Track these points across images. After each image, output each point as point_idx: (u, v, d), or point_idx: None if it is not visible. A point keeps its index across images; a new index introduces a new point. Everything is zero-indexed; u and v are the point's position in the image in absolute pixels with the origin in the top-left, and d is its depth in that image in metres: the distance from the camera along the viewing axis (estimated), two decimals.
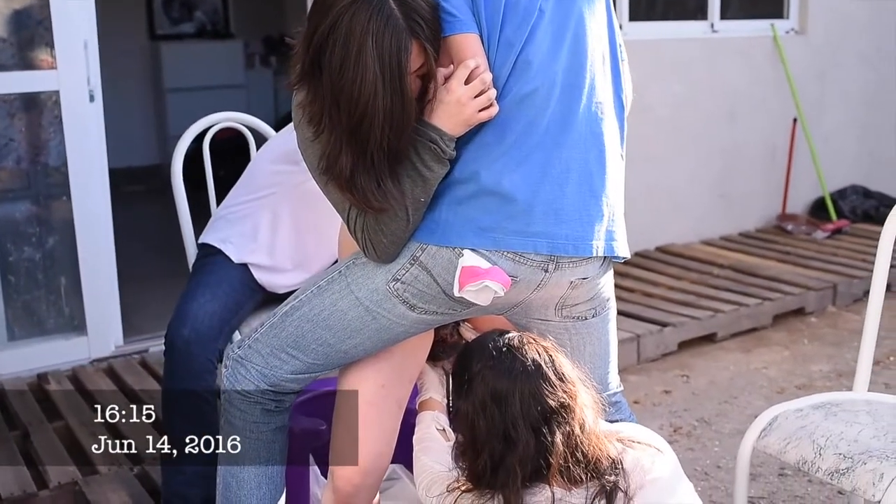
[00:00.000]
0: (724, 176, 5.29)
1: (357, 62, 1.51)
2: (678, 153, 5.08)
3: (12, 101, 3.51)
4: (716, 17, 5.22)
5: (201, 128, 2.75)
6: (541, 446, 1.45)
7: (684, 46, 5.05)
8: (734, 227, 5.40)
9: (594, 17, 1.68)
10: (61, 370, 3.53)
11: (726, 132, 5.25)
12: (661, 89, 4.92)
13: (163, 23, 7.86)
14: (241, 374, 1.78)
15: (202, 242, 2.56)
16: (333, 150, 1.58)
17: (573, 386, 1.51)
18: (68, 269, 3.62)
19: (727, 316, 4.01)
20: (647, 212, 4.98)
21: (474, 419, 1.49)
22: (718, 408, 3.32)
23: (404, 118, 1.54)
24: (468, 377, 1.52)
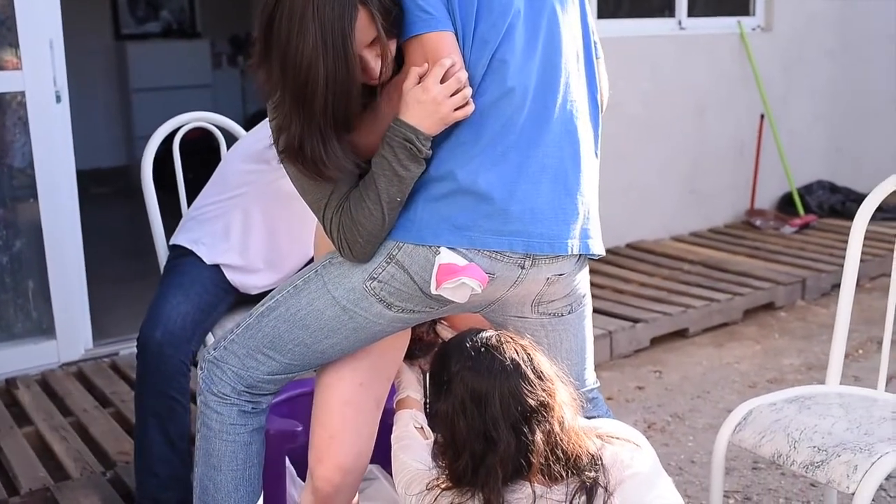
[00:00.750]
0: (693, 172, 5.33)
1: (300, 29, 1.51)
2: (648, 150, 5.10)
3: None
4: (683, 15, 5.26)
5: (171, 128, 2.73)
6: (521, 445, 1.45)
7: (652, 43, 5.08)
8: (704, 222, 5.44)
9: (568, 15, 1.68)
10: (30, 375, 3.48)
11: (695, 129, 5.28)
12: (630, 86, 4.94)
13: (128, 22, 7.79)
14: (216, 376, 1.76)
15: (173, 244, 2.54)
16: (285, 120, 1.58)
17: (552, 384, 1.51)
18: (36, 272, 3.57)
19: (698, 311, 4.04)
20: (618, 208, 5.00)
21: (454, 419, 1.48)
22: (691, 403, 3.34)
23: (349, 84, 1.54)
24: (447, 377, 1.52)
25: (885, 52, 6.08)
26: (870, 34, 5.98)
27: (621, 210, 5.03)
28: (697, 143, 5.31)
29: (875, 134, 6.17)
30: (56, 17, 3.44)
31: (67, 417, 3.11)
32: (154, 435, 2.32)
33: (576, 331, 1.83)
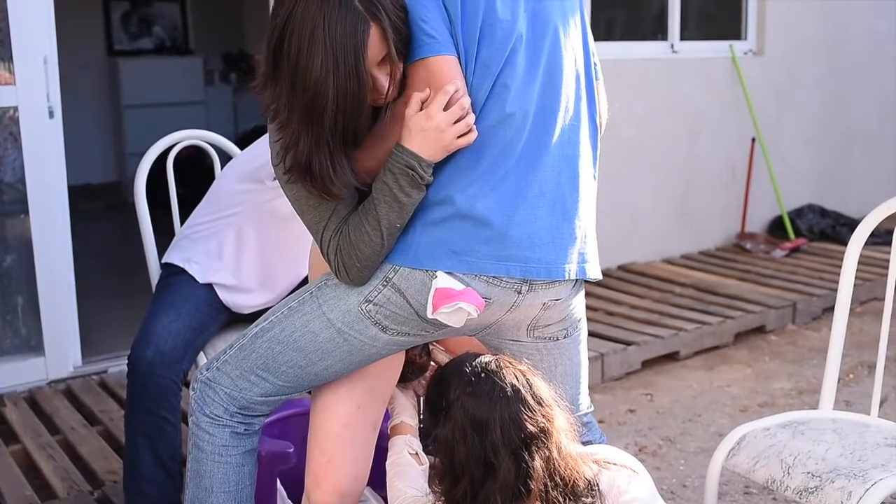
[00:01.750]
0: (684, 195, 5.34)
1: (311, 45, 1.50)
2: (639, 172, 5.12)
3: None
4: (675, 38, 5.29)
5: (166, 145, 2.72)
6: (521, 472, 1.44)
7: (645, 67, 5.10)
8: (695, 245, 5.45)
9: (569, 39, 1.68)
10: (18, 392, 3.45)
11: (687, 152, 5.30)
12: (622, 109, 4.95)
13: (121, 38, 7.78)
14: (209, 397, 1.75)
15: (166, 262, 2.53)
16: (292, 139, 1.57)
17: (550, 409, 1.50)
18: (25, 288, 3.54)
19: (690, 334, 4.04)
20: (610, 230, 5.00)
21: (453, 446, 1.46)
22: (683, 426, 3.34)
23: (359, 101, 1.53)
24: (446, 403, 1.50)
25: (874, 77, 6.14)
26: (860, 59, 6.03)
27: (613, 232, 5.03)
28: (689, 165, 5.33)
29: (865, 158, 6.21)
30: (50, 33, 3.43)
31: (55, 436, 3.08)
32: (144, 455, 2.30)
33: (571, 355, 1.82)
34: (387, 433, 1.95)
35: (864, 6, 5.99)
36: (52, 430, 3.14)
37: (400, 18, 1.55)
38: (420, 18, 1.56)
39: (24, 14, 3.35)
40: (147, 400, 2.27)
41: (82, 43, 7.36)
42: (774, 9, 5.55)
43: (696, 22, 5.63)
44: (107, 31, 7.72)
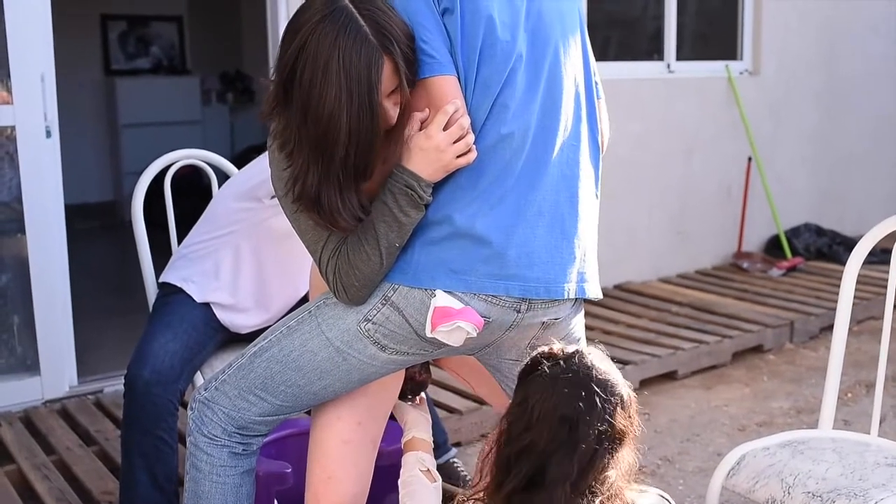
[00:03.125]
0: (680, 214, 5.35)
1: (325, 78, 1.49)
2: (636, 191, 5.13)
3: None
4: (672, 58, 5.31)
5: (163, 165, 2.72)
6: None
7: (641, 86, 5.12)
8: (691, 264, 5.45)
9: (569, 57, 1.69)
10: (13, 412, 3.43)
11: (683, 171, 5.32)
12: (618, 128, 4.94)
13: (118, 58, 7.80)
14: (207, 417, 1.74)
15: (163, 281, 2.52)
16: (301, 170, 1.56)
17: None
18: (21, 307, 3.53)
19: (687, 353, 4.03)
20: (606, 249, 4.97)
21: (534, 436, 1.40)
22: (681, 446, 3.33)
23: (372, 135, 1.52)
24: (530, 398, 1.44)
25: (870, 96, 6.17)
26: (856, 78, 6.07)
27: (609, 251, 5.02)
28: (685, 185, 5.34)
29: (861, 177, 6.23)
30: (48, 52, 3.44)
31: (50, 456, 3.06)
32: (140, 475, 2.28)
33: None
34: (385, 452, 1.94)
35: (860, 26, 6.03)
36: (48, 450, 3.12)
37: (410, 48, 1.55)
38: (421, 39, 1.56)
39: (21, 33, 3.35)
40: (144, 420, 2.26)
41: (80, 62, 7.38)
42: (770, 29, 5.58)
43: (692, 42, 5.67)
44: (104, 51, 7.75)
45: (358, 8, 1.52)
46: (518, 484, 1.39)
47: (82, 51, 7.47)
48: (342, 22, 1.50)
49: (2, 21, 3.34)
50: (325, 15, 1.51)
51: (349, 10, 1.52)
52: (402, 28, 1.54)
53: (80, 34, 7.41)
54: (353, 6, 1.52)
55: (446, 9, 1.58)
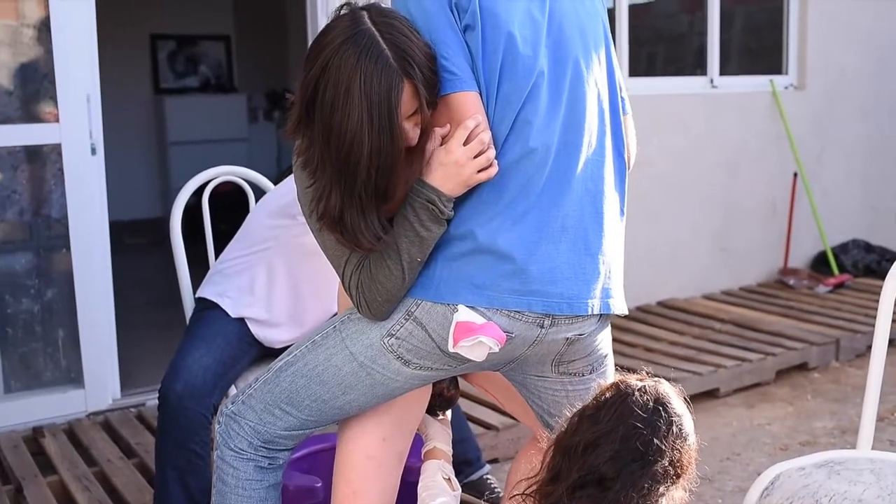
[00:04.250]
0: (724, 230, 5.29)
1: (346, 101, 1.51)
2: (678, 207, 5.08)
3: (17, 154, 3.53)
4: (715, 73, 5.27)
5: (200, 182, 2.76)
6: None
7: (684, 102, 5.08)
8: (735, 281, 5.39)
9: (592, 73, 1.68)
10: (57, 423, 3.50)
11: (726, 186, 5.26)
12: (661, 144, 4.95)
13: (167, 76, 7.95)
14: (234, 431, 1.75)
15: (199, 296, 2.56)
16: (325, 190, 1.58)
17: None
18: (66, 321, 3.60)
19: (729, 371, 3.98)
20: (648, 266, 4.98)
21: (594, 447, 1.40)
22: (721, 465, 3.28)
23: (392, 157, 1.53)
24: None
25: None
26: None
27: (651, 267, 5.00)
28: (728, 200, 5.28)
29: None
30: (94, 72, 3.51)
31: (91, 467, 3.11)
32: (173, 488, 2.31)
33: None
34: (413, 467, 1.95)
35: None
36: (89, 461, 3.17)
37: (431, 71, 1.56)
38: (442, 55, 1.57)
39: (68, 55, 3.44)
40: (177, 433, 2.29)
41: (130, 81, 7.54)
42: (816, 43, 5.51)
43: (736, 57, 5.61)
44: (154, 70, 7.89)
45: (380, 31, 1.53)
46: (582, 479, 1.39)
47: (132, 70, 7.62)
48: (364, 45, 1.51)
49: (49, 42, 3.42)
50: (349, 37, 1.52)
51: (372, 32, 1.53)
52: (423, 51, 1.55)
53: (131, 54, 7.58)
54: (375, 29, 1.54)
55: (468, 25, 1.59)
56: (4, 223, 3.57)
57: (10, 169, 3.52)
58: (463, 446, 2.75)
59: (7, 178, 3.53)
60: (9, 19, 3.56)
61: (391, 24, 1.55)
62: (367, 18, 1.55)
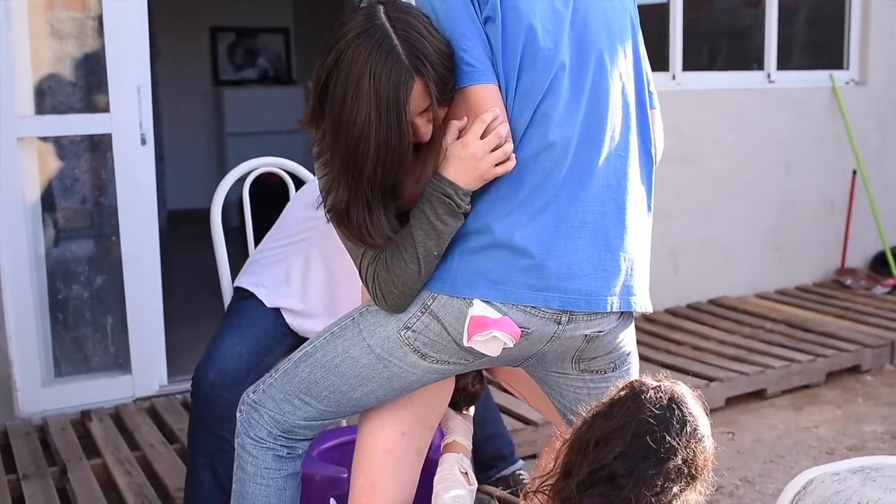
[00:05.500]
0: (779, 228, 5.19)
1: (355, 96, 1.51)
2: (732, 204, 5.00)
3: (79, 143, 3.61)
4: (772, 68, 5.16)
5: (241, 172, 2.79)
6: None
7: (739, 96, 4.99)
8: (790, 280, 5.28)
9: (616, 67, 1.66)
10: (105, 408, 3.57)
11: (782, 183, 5.15)
12: (714, 139, 4.87)
13: (226, 68, 8.04)
14: (254, 419, 1.77)
15: (236, 286, 2.59)
16: (333, 183, 1.59)
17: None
18: (115, 308, 3.67)
19: (777, 372, 3.90)
20: (700, 263, 4.91)
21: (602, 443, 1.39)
22: (763, 467, 3.22)
23: (399, 155, 1.53)
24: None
25: None
26: None
27: (703, 265, 4.92)
28: (784, 198, 5.17)
29: None
30: (145, 64, 3.57)
31: (134, 451, 3.16)
32: (203, 474, 2.34)
33: None
34: (436, 461, 1.94)
35: None
36: (133, 446, 3.23)
37: (445, 68, 1.56)
38: (461, 48, 1.56)
39: (119, 47, 3.49)
40: (208, 420, 2.32)
41: (189, 73, 7.66)
42: (879, 37, 5.37)
43: (794, 52, 5.49)
44: (213, 62, 7.99)
45: (394, 27, 1.53)
46: (593, 475, 1.37)
47: (192, 62, 7.74)
48: (377, 40, 1.51)
49: (101, 34, 3.49)
50: (362, 32, 1.52)
51: (385, 28, 1.53)
52: (437, 49, 1.54)
53: (191, 46, 7.69)
54: (390, 25, 1.53)
55: (488, 17, 1.58)
56: (64, 211, 3.66)
57: (71, 157, 3.61)
58: (496, 441, 2.74)
59: (68, 167, 3.61)
60: (75, 11, 3.64)
61: (406, 20, 1.54)
62: (382, 13, 1.55)
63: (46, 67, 3.60)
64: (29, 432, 3.33)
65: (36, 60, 3.55)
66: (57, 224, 3.65)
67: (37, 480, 2.93)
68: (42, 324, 3.55)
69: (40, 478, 2.95)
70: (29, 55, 3.49)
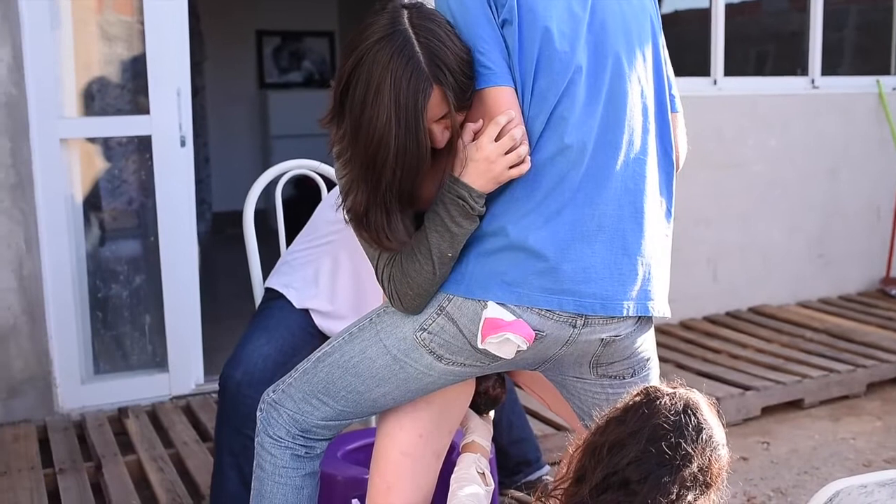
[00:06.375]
0: (823, 236, 5.11)
1: (375, 100, 1.52)
2: (774, 211, 4.93)
3: (121, 145, 3.68)
4: (816, 73, 5.09)
5: (273, 175, 2.83)
6: None
7: (782, 102, 4.93)
8: (834, 289, 5.20)
9: (635, 71, 1.65)
10: (142, 405, 3.63)
11: (826, 190, 5.08)
12: (756, 144, 4.81)
13: (272, 71, 8.12)
14: (273, 419, 1.79)
15: (266, 286, 2.61)
16: (352, 186, 1.60)
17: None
18: (153, 307, 3.73)
19: (815, 382, 3.84)
20: (740, 270, 4.85)
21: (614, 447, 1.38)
22: (797, 478, 3.17)
23: (418, 161, 1.54)
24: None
25: None
26: None
27: (744, 272, 4.87)
28: (828, 205, 5.10)
29: None
30: (185, 67, 3.62)
31: (168, 449, 3.21)
32: (229, 473, 2.37)
33: None
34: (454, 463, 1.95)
35: None
36: (167, 443, 3.28)
37: (464, 75, 1.56)
38: (478, 50, 1.57)
39: (159, 51, 3.55)
40: (234, 419, 2.34)
41: (235, 76, 7.75)
42: None
43: (840, 57, 5.41)
44: (259, 65, 8.08)
45: (416, 33, 1.54)
46: (606, 480, 1.36)
47: (238, 65, 7.83)
48: (398, 45, 1.52)
49: (143, 39, 3.55)
50: (384, 36, 1.53)
51: (408, 34, 1.53)
52: (457, 56, 1.55)
53: (238, 50, 7.78)
54: (412, 31, 1.54)
55: (505, 20, 1.58)
56: (104, 211, 3.72)
57: (111, 159, 3.67)
58: (523, 446, 2.74)
59: (109, 168, 3.68)
60: (125, 15, 3.70)
61: (429, 27, 1.55)
62: (405, 18, 1.55)
63: (95, 70, 3.67)
64: (67, 428, 3.40)
65: (84, 62, 3.62)
66: (97, 224, 3.72)
67: (72, 475, 2.99)
68: (82, 322, 3.62)
69: (76, 472, 3.01)
70: (73, 57, 3.56)
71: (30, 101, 3.36)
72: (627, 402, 1.45)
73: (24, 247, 3.39)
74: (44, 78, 3.39)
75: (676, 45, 5.51)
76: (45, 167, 3.42)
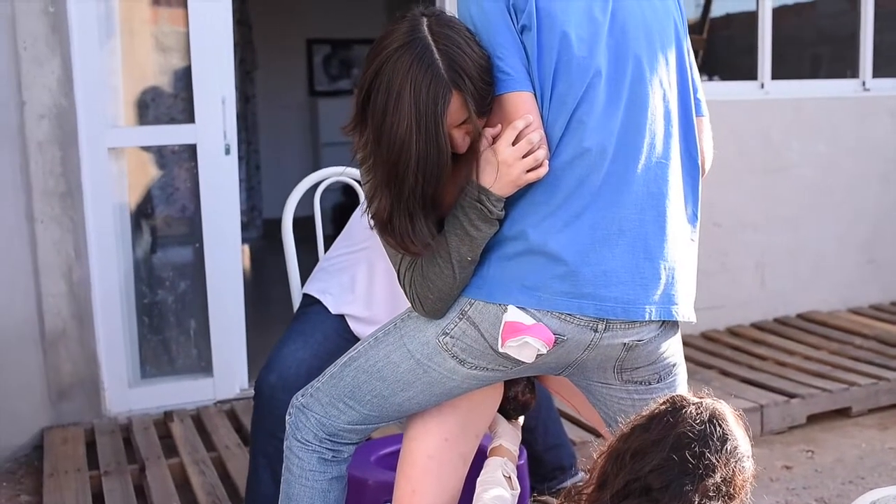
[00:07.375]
0: (874, 241, 5.01)
1: (396, 107, 1.54)
2: (823, 216, 4.85)
3: (167, 153, 3.75)
4: (868, 76, 5.00)
5: (311, 182, 2.88)
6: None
7: (831, 105, 4.84)
8: (886, 295, 5.09)
9: (657, 74, 1.65)
10: (187, 409, 3.69)
11: (877, 195, 4.98)
12: (803, 149, 4.74)
13: (321, 80, 8.21)
14: (301, 422, 1.81)
15: (304, 292, 2.64)
16: (376, 192, 1.62)
17: None
18: (198, 312, 3.79)
19: (863, 390, 3.77)
20: (788, 276, 4.78)
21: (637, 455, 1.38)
22: (841, 488, 3.12)
23: (439, 166, 1.55)
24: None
25: None
26: None
27: (792, 278, 4.80)
28: (880, 210, 4.99)
29: None
30: (230, 76, 3.68)
31: (210, 452, 3.26)
32: (263, 475, 2.40)
33: None
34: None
35: None
36: (209, 447, 3.33)
37: (484, 82, 1.57)
38: (497, 56, 1.58)
39: (204, 60, 3.62)
40: (269, 423, 2.37)
41: (286, 85, 7.85)
42: None
43: (893, 58, 5.30)
44: (309, 73, 8.18)
45: (436, 41, 1.56)
46: (628, 486, 1.37)
47: (289, 74, 7.93)
48: (418, 53, 1.54)
49: (188, 48, 3.62)
50: (404, 44, 1.55)
51: (427, 41, 1.55)
52: (477, 62, 1.56)
53: (289, 58, 7.88)
54: (431, 38, 1.56)
55: (524, 26, 1.59)
56: (150, 218, 3.80)
57: (159, 167, 3.75)
58: (558, 452, 2.73)
59: (155, 177, 3.75)
60: (179, 26, 3.78)
61: (448, 34, 1.57)
62: (425, 26, 1.57)
63: (145, 80, 3.74)
64: (114, 431, 3.47)
65: (134, 73, 3.70)
66: (144, 231, 3.79)
67: (116, 477, 3.05)
68: (129, 327, 3.69)
69: (120, 474, 3.07)
70: (121, 68, 3.64)
71: (79, 111, 3.44)
72: (653, 409, 1.45)
73: (73, 254, 3.47)
74: (93, 88, 3.47)
75: (727, 49, 5.44)
76: (94, 176, 3.50)
